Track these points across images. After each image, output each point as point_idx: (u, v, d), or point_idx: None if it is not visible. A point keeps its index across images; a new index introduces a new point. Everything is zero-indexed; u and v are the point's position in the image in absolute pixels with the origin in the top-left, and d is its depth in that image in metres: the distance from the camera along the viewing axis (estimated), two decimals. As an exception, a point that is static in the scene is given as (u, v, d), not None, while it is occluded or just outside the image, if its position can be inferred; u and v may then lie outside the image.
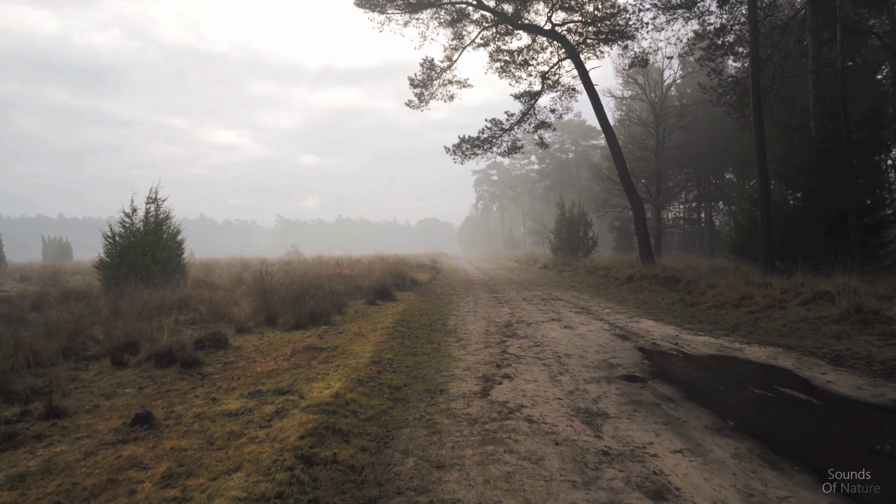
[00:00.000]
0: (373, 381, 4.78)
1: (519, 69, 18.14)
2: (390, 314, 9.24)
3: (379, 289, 11.32)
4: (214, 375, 5.08)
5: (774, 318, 7.72)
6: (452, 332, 7.74)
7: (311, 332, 7.48)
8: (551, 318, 8.84)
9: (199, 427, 3.54)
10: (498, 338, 7.16)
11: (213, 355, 5.94)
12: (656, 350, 6.28)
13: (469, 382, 4.85)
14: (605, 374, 5.12)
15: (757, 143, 15.01)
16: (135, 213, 13.49)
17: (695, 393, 4.48)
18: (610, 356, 5.94)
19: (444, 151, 18.53)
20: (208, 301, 10.20)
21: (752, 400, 4.29)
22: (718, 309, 8.99)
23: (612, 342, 6.76)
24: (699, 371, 5.29)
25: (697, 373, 5.22)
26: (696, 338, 6.97)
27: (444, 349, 6.43)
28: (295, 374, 4.98)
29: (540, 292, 13.67)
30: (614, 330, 7.68)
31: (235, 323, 8.28)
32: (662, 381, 4.89)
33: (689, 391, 4.54)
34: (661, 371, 5.27)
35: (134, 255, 13.01)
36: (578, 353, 6.13)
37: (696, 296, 10.31)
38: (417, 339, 7.06)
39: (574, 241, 26.91)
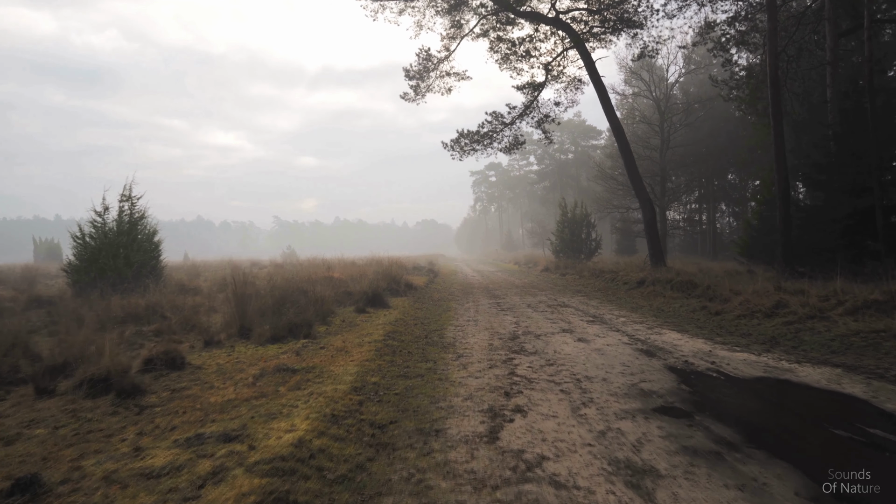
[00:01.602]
0: (351, 418, 3.81)
1: (520, 60, 17.18)
2: (381, 324, 8.26)
3: (370, 295, 10.35)
4: (156, 408, 4.10)
5: (818, 330, 6.76)
6: (451, 346, 6.77)
7: (288, 347, 6.50)
8: (562, 329, 7.87)
9: (101, 501, 2.55)
10: (504, 354, 6.19)
11: (163, 379, 4.95)
12: (691, 370, 5.32)
13: (472, 419, 3.88)
14: (640, 406, 4.15)
15: (775, 137, 14.09)
16: (107, 211, 12.49)
17: (759, 434, 3.52)
18: (638, 379, 4.98)
19: (442, 147, 17.55)
20: (180, 308, 9.22)
21: (838, 446, 3.32)
22: (748, 319, 8.04)
23: (636, 360, 5.80)
24: (751, 400, 4.34)
25: (750, 403, 4.26)
26: (732, 354, 6.01)
27: (442, 369, 5.46)
28: (255, 408, 4.00)
29: (545, 298, 12.70)
30: (636, 344, 6.72)
31: (205, 335, 7.29)
32: (712, 415, 3.93)
33: (752, 432, 3.57)
34: (705, 400, 4.31)
35: (105, 258, 12.00)
36: (600, 374, 5.17)
37: (719, 303, 9.36)
38: (410, 356, 6.08)
39: (576, 242, 25.98)
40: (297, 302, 9.23)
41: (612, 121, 16.05)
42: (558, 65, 17.02)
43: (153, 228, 13.14)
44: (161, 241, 13.29)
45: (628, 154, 16.06)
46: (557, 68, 17.04)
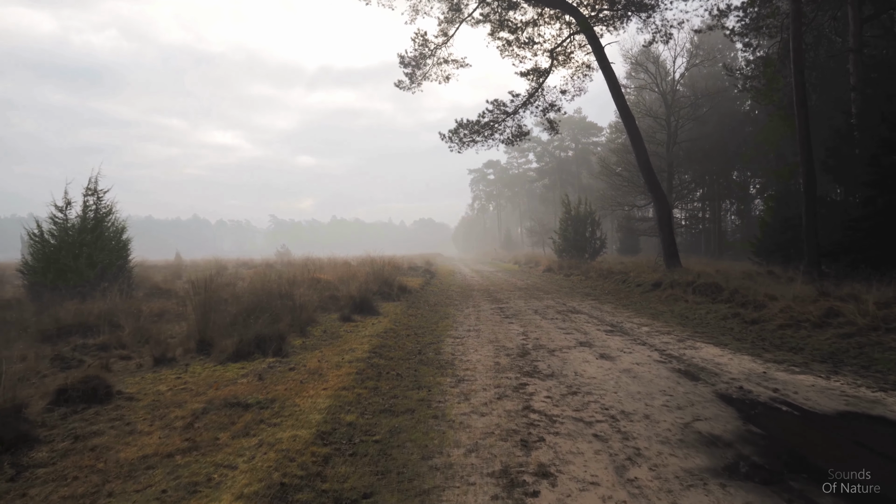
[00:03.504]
0: (307, 489, 2.68)
1: (523, 47, 16.04)
2: (368, 336, 7.12)
3: (358, 300, 9.21)
4: (39, 470, 2.96)
5: (889, 345, 5.67)
6: (448, 365, 5.64)
7: (252, 368, 5.36)
8: (578, 342, 6.75)
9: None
10: (513, 377, 5.06)
11: (73, 419, 3.80)
12: (751, 401, 4.22)
13: (479, 492, 2.75)
14: (707, 463, 3.04)
15: (800, 126, 13.00)
16: (69, 206, 11.32)
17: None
18: (690, 416, 3.87)
19: (440, 138, 16.38)
20: (141, 316, 8.06)
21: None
22: (794, 329, 6.93)
23: (678, 385, 4.69)
24: (851, 448, 3.23)
25: (854, 454, 3.16)
26: (793, 377, 4.90)
27: (437, 400, 4.33)
28: (176, 471, 2.87)
29: (552, 302, 11.59)
30: (670, 362, 5.61)
31: (160, 349, 6.16)
32: (812, 479, 2.82)
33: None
34: (791, 454, 3.19)
35: (66, 258, 10.84)
36: (640, 408, 4.05)
37: (752, 310, 8.26)
38: (399, 381, 4.95)
39: (580, 241, 24.87)
40: (273, 308, 8.09)
41: (622, 110, 14.93)
42: (564, 50, 15.86)
43: (122, 225, 11.96)
44: (129, 239, 12.10)
45: (640, 145, 14.92)
46: (564, 53, 15.87)
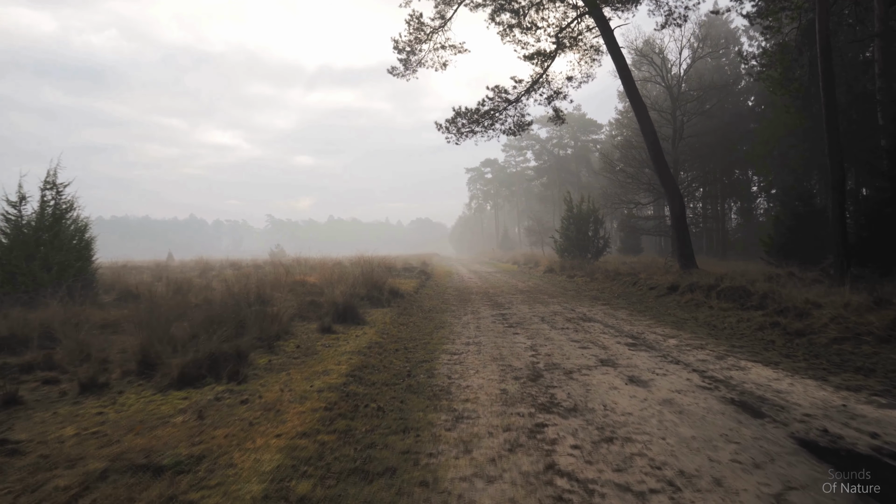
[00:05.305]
0: None
1: (526, 33, 14.93)
2: (347, 353, 6.00)
3: (342, 307, 8.09)
4: None
5: None
6: (444, 393, 4.54)
7: (196, 399, 4.26)
8: (599, 360, 5.66)
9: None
10: (526, 413, 3.96)
11: None
12: (847, 452, 3.14)
13: None
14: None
15: (828, 116, 11.95)
16: (23, 202, 10.18)
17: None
18: (777, 480, 2.78)
19: (436, 128, 15.27)
20: (84, 327, 6.93)
21: None
22: (854, 344, 5.86)
23: (740, 426, 3.60)
24: None
25: None
26: (887, 414, 3.83)
27: (428, 453, 3.22)
28: None
29: (559, 307, 10.50)
30: (717, 388, 4.52)
31: (93, 370, 5.04)
32: None
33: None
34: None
35: (17, 259, 9.70)
36: (704, 467, 2.96)
37: (794, 319, 7.17)
38: (380, 419, 3.85)
39: (583, 241, 23.81)
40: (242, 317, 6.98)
41: (632, 97, 13.85)
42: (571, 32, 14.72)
43: (84, 223, 10.81)
44: (93, 238, 10.95)
45: (652, 136, 13.82)
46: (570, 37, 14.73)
